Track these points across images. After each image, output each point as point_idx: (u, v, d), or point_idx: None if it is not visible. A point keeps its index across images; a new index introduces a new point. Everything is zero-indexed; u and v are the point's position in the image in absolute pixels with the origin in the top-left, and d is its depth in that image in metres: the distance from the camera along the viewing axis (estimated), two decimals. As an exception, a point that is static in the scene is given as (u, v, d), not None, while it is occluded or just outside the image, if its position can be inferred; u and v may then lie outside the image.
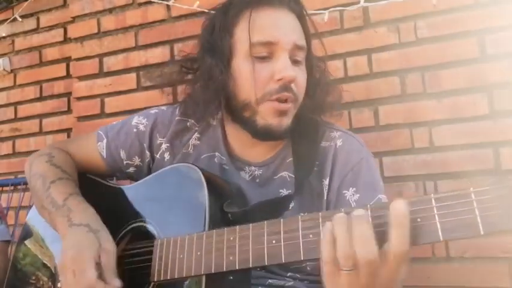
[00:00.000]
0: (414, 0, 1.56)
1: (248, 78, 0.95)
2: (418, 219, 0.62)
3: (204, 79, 1.02)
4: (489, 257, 1.42)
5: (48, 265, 1.09)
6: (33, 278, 1.10)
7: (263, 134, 0.97)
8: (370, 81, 1.61)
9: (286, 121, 0.96)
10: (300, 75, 0.97)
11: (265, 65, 0.95)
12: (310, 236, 0.69)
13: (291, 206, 0.97)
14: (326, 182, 0.99)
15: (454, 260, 1.46)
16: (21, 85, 2.45)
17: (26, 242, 1.15)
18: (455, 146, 1.49)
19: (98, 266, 0.84)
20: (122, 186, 1.10)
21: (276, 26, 0.96)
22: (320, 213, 0.70)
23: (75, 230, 0.91)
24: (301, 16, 1.02)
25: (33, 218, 1.17)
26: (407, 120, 1.56)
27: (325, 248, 0.65)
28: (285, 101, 0.94)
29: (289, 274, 0.98)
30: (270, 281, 0.97)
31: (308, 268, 0.98)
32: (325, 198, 0.98)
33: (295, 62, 0.97)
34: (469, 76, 1.49)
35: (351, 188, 0.96)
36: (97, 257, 0.85)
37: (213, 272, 0.79)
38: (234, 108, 0.99)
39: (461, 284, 1.44)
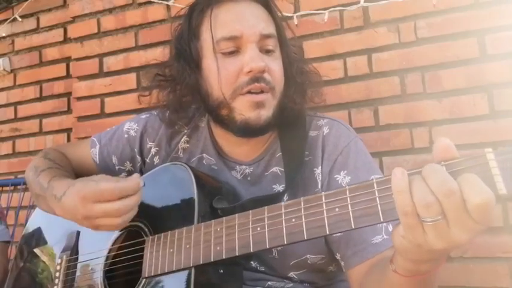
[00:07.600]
0: (414, 0, 1.56)
1: (217, 75, 0.94)
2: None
3: (176, 85, 1.02)
4: (489, 257, 1.42)
5: (51, 268, 1.10)
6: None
7: (243, 130, 0.96)
8: (370, 81, 1.61)
9: (265, 113, 0.94)
10: (273, 64, 0.96)
11: (233, 59, 0.94)
12: (293, 220, 0.71)
13: (285, 199, 0.96)
14: (318, 170, 0.98)
15: (454, 260, 1.46)
16: (21, 85, 2.45)
17: (36, 250, 1.16)
18: (455, 146, 1.49)
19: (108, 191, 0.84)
20: None
21: (238, 19, 0.95)
22: (302, 198, 0.71)
23: (64, 199, 0.90)
24: (267, 4, 1.01)
25: (36, 221, 1.18)
26: (407, 120, 1.56)
27: (399, 197, 0.57)
28: (260, 92, 0.93)
29: (290, 273, 0.97)
30: (269, 283, 0.97)
31: (309, 262, 0.96)
32: (319, 187, 0.97)
33: (267, 52, 0.96)
34: (469, 76, 1.49)
35: (342, 171, 0.95)
36: (100, 188, 0.85)
37: (201, 263, 0.80)
38: (211, 108, 0.98)
39: (461, 284, 1.44)
